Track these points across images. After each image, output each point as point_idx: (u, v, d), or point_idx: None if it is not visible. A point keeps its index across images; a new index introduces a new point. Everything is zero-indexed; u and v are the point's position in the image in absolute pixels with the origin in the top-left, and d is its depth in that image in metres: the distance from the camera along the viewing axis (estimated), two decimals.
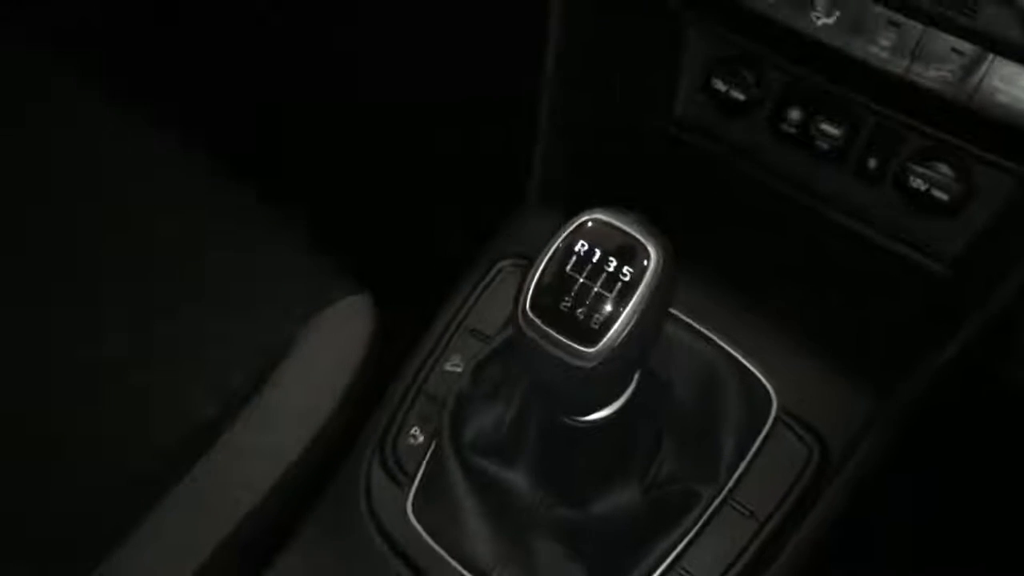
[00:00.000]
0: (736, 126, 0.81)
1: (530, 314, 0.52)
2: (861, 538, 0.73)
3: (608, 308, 0.52)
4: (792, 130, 0.77)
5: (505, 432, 0.68)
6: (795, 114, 0.77)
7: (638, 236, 0.52)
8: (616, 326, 0.51)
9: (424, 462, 0.69)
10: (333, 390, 0.76)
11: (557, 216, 0.55)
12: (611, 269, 0.52)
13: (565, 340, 0.52)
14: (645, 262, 0.52)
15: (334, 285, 0.80)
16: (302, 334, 0.77)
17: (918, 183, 0.72)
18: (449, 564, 0.66)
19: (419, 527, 0.67)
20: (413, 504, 0.68)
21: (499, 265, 0.75)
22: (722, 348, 0.70)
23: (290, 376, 0.76)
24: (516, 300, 0.53)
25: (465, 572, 0.66)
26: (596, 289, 0.52)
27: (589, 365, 0.52)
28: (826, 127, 0.75)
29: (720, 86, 0.78)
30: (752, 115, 0.79)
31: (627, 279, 0.52)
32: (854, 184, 0.78)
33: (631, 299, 0.51)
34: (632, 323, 0.51)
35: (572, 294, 0.52)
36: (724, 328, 0.71)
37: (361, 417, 0.74)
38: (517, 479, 0.68)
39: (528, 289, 0.52)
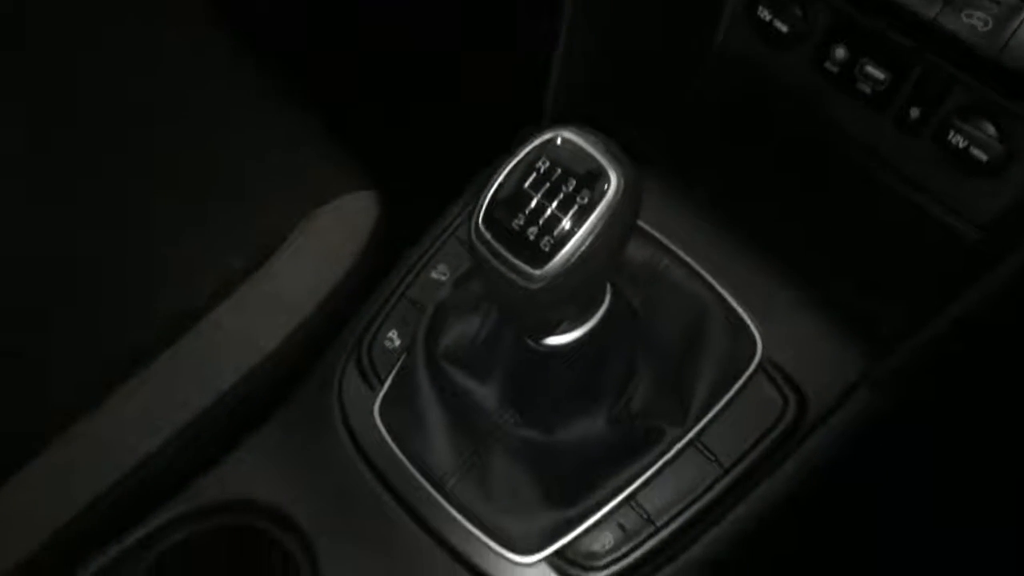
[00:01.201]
0: (777, 60, 0.76)
1: (482, 228, 0.51)
2: (837, 497, 0.71)
3: (560, 231, 0.50)
4: (835, 69, 0.73)
5: (479, 346, 0.68)
6: (840, 53, 0.72)
7: (602, 160, 0.50)
8: (565, 250, 0.50)
9: (397, 366, 0.69)
10: (324, 282, 0.76)
11: None
12: (569, 190, 0.50)
13: (512, 259, 0.50)
14: (605, 187, 0.50)
15: (343, 179, 0.80)
16: (304, 224, 0.77)
17: (958, 139, 0.68)
18: (407, 469, 0.66)
19: (383, 429, 0.68)
20: (380, 406, 0.68)
21: None
22: (713, 288, 0.67)
23: (285, 264, 0.76)
24: (470, 213, 0.51)
25: (421, 479, 0.66)
26: (551, 210, 0.50)
27: (534, 287, 0.50)
28: (871, 70, 0.71)
29: (765, 15, 0.74)
30: (795, 50, 0.75)
31: (584, 203, 0.50)
32: (892, 133, 0.73)
33: (584, 224, 0.49)
34: (582, 249, 0.49)
35: (526, 212, 0.50)
36: (721, 269, 0.68)
37: (348, 312, 0.74)
38: (485, 395, 0.67)
39: (484, 202, 0.51)
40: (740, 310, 0.67)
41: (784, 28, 0.73)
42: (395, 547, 0.66)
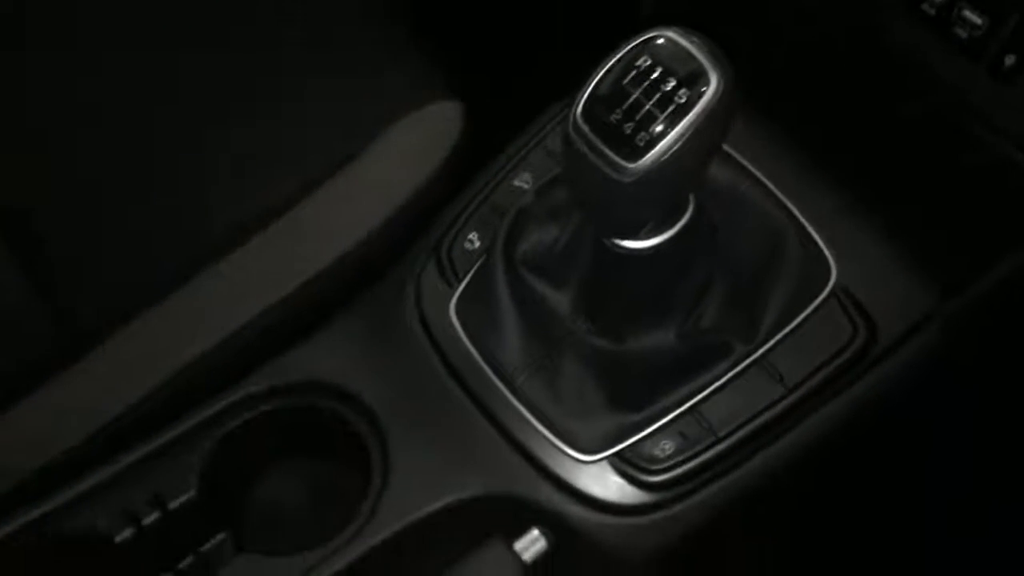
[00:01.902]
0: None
1: (580, 121, 0.52)
2: (893, 429, 0.72)
3: (657, 128, 0.51)
4: (932, 11, 0.72)
5: (557, 253, 0.70)
6: None
7: (703, 61, 0.51)
8: (659, 147, 0.51)
9: (475, 267, 0.71)
10: (406, 185, 0.78)
11: None
12: (668, 89, 0.51)
13: (608, 152, 0.52)
14: (703, 89, 0.51)
15: (428, 89, 0.81)
16: (389, 131, 0.79)
17: None
18: (479, 364, 0.69)
19: (457, 324, 0.70)
20: (457, 303, 0.71)
21: None
22: (792, 213, 0.68)
23: (369, 167, 0.79)
24: (569, 107, 0.53)
25: (491, 373, 0.68)
26: (648, 107, 0.51)
27: (626, 180, 0.52)
28: (968, 14, 0.70)
29: None
30: None
31: (682, 101, 0.51)
32: (985, 81, 0.73)
33: (680, 122, 0.51)
34: (676, 147, 0.51)
35: (624, 108, 0.51)
36: (800, 196, 0.69)
37: (429, 215, 0.76)
38: (560, 301, 0.69)
39: (583, 97, 0.52)
40: (817, 237, 0.68)
41: None
42: (460, 436, 0.68)
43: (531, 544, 0.64)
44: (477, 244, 0.72)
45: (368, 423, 0.70)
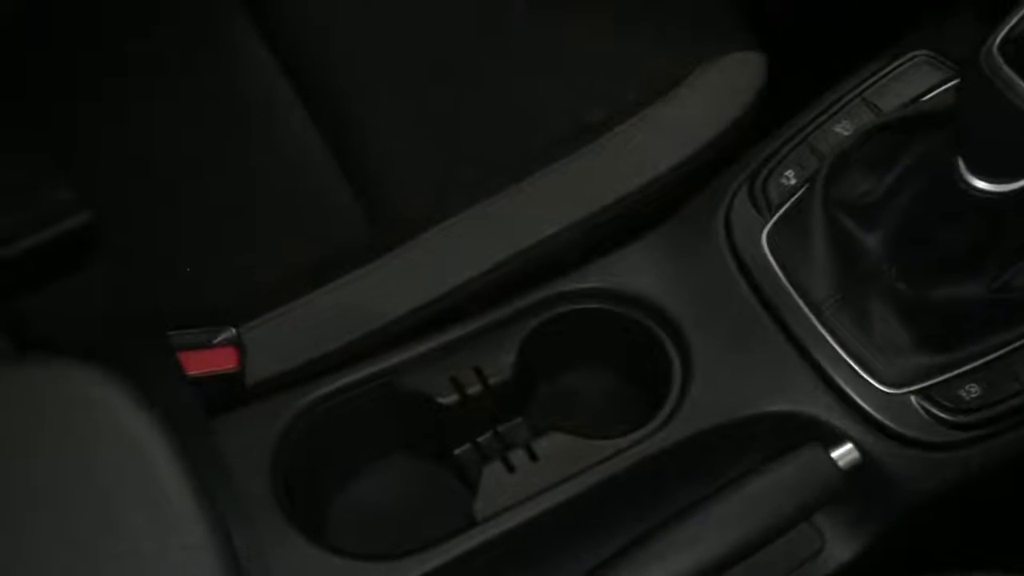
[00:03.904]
0: None
1: (995, 52, 0.55)
2: None
3: None
4: None
5: (876, 199, 0.73)
6: None
7: None
8: None
9: (791, 200, 0.75)
10: (715, 122, 0.82)
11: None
12: None
13: (1021, 83, 0.55)
14: None
15: (733, 36, 0.85)
16: (692, 76, 0.83)
17: None
18: (787, 289, 0.72)
19: (767, 251, 0.74)
20: (768, 232, 0.74)
21: (916, 53, 0.77)
22: None
23: (676, 104, 0.83)
24: (985, 38, 0.56)
25: (799, 300, 0.72)
26: None
27: None
28: None
29: None
30: None
31: None
32: None
33: None
34: None
35: None
36: None
37: (732, 154, 0.80)
38: (873, 244, 0.72)
39: (1002, 30, 0.55)
40: None
41: None
42: (764, 357, 0.72)
43: (848, 454, 0.67)
44: (793, 181, 0.76)
45: (672, 335, 0.74)
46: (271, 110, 0.86)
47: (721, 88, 0.84)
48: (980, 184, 0.63)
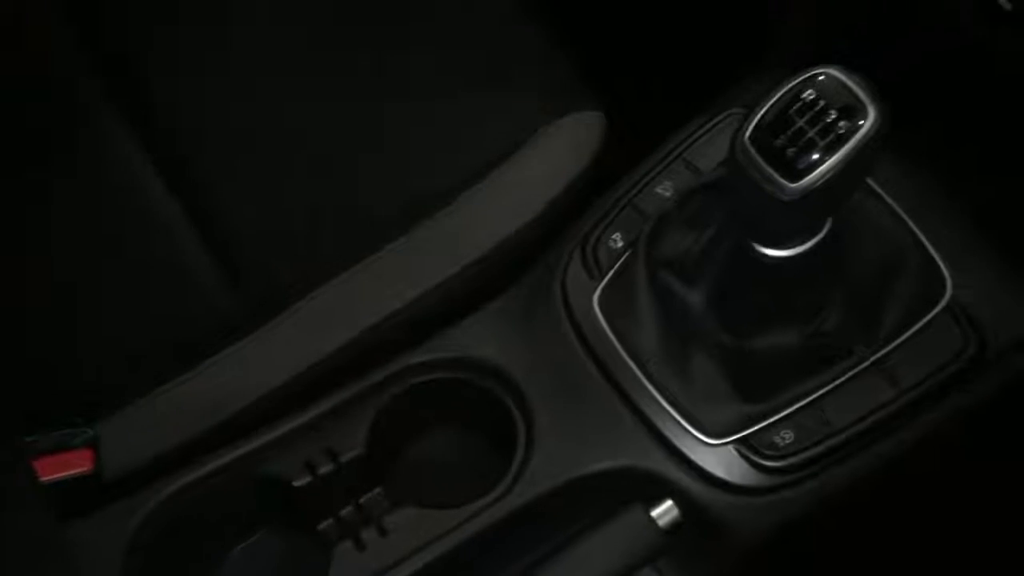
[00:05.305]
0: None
1: (746, 142, 0.60)
2: (1001, 434, 0.79)
3: (816, 155, 0.59)
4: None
5: (695, 256, 0.77)
6: None
7: (862, 96, 0.58)
8: (818, 171, 0.58)
9: (618, 263, 0.79)
10: (552, 185, 0.86)
11: None
12: (829, 120, 0.58)
13: (771, 172, 0.59)
14: (861, 121, 0.58)
15: (571, 98, 0.89)
16: (531, 139, 0.87)
17: None
18: (616, 349, 0.77)
19: (599, 313, 0.78)
20: (599, 295, 0.79)
21: (730, 111, 0.82)
22: (912, 229, 0.75)
23: (515, 169, 0.87)
24: (738, 129, 0.60)
25: (628, 358, 0.76)
26: (811, 135, 0.59)
27: (785, 199, 0.59)
28: None
29: None
30: None
31: (841, 132, 0.58)
32: None
33: (839, 151, 0.58)
34: (833, 172, 0.58)
35: (788, 134, 0.59)
36: (917, 211, 0.76)
37: (569, 218, 0.84)
38: (693, 299, 0.76)
39: (752, 121, 0.60)
40: (933, 251, 0.75)
41: None
42: (599, 417, 0.76)
43: (667, 512, 0.72)
44: (620, 243, 0.80)
45: (515, 399, 0.78)
46: (133, 191, 0.89)
47: (561, 150, 0.88)
48: (765, 251, 0.67)
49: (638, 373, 0.76)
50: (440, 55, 0.91)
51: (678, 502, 0.73)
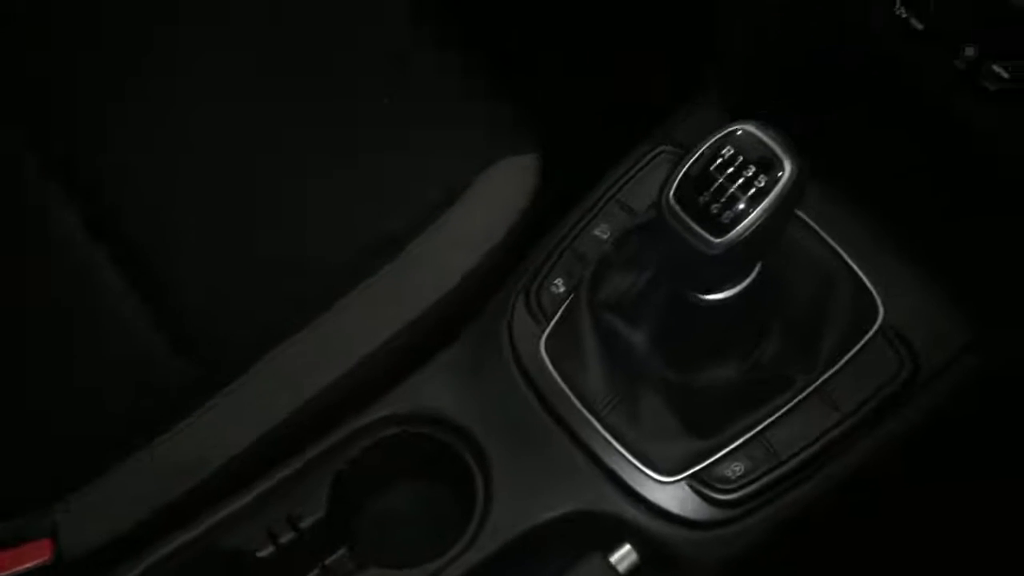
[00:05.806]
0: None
1: (672, 201, 0.61)
2: (942, 450, 0.81)
3: (739, 208, 0.61)
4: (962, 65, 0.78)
5: (635, 296, 0.79)
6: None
7: (778, 151, 0.60)
8: (742, 225, 0.60)
9: (562, 308, 0.80)
10: (494, 233, 0.87)
11: (726, 115, 0.61)
12: (749, 175, 0.60)
13: (697, 228, 0.61)
14: (779, 174, 0.60)
15: (506, 142, 0.90)
16: (469, 186, 0.88)
17: None
18: (566, 394, 0.78)
19: (547, 359, 0.79)
20: (546, 341, 0.80)
21: (660, 149, 0.83)
22: (841, 256, 0.77)
23: (457, 217, 0.88)
24: (662, 187, 0.62)
25: (579, 404, 0.78)
26: (732, 190, 0.60)
27: (712, 252, 0.61)
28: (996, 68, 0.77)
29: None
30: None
31: (761, 186, 0.60)
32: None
33: (760, 204, 0.60)
34: (756, 224, 0.60)
35: (711, 191, 0.61)
36: (847, 239, 0.78)
37: (512, 262, 0.85)
38: (637, 339, 0.78)
39: (675, 180, 0.62)
40: (864, 277, 0.77)
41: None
42: (554, 462, 0.78)
43: (625, 557, 0.74)
44: (562, 288, 0.81)
45: (471, 450, 0.79)
46: (78, 269, 0.88)
47: (500, 195, 0.89)
48: (697, 295, 0.69)
49: (588, 416, 0.78)
50: (378, 103, 0.92)
51: (635, 543, 0.74)
